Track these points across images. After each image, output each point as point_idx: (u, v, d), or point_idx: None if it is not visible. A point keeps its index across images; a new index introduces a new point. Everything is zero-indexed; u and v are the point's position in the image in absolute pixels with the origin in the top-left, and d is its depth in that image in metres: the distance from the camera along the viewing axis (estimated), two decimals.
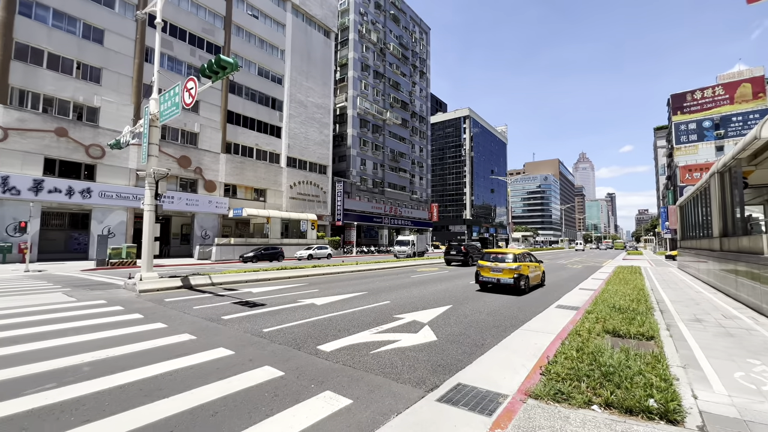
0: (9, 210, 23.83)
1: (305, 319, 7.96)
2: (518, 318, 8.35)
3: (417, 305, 9.76)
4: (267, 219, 37.83)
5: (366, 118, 56.24)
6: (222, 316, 8.13)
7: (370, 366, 5.07)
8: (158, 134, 12.16)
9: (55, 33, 26.27)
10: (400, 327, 7.35)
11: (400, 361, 5.31)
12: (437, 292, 12.15)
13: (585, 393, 3.80)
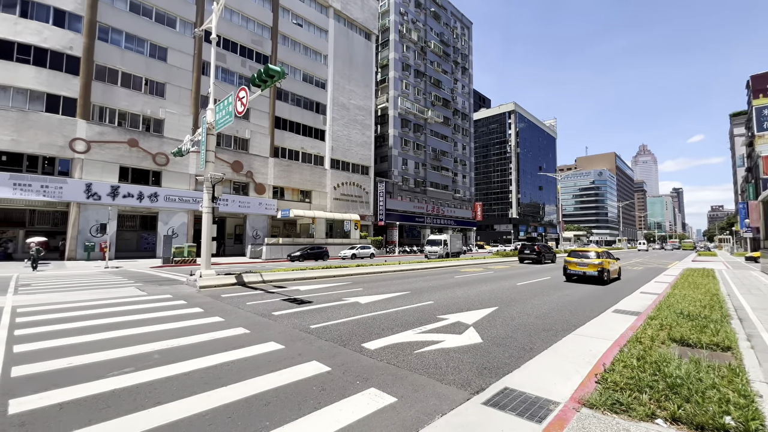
0: (92, 213, 26.93)
1: (350, 317, 8.16)
2: (570, 322, 7.91)
3: (461, 306, 9.60)
4: (312, 219, 39.17)
5: (407, 117, 56.20)
6: (272, 312, 8.57)
7: (413, 365, 5.08)
8: (214, 141, 13.09)
9: (127, 54, 29.24)
10: (443, 328, 7.28)
11: (444, 362, 5.26)
12: (482, 294, 11.85)
13: (647, 405, 3.51)
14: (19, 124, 24.63)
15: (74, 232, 26.26)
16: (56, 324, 7.16)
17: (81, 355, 5.29)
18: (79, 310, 8.56)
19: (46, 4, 26.02)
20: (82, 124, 26.73)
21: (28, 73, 25.17)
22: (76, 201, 26.15)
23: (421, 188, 58.36)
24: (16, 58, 24.97)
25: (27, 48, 25.27)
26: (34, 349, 5.54)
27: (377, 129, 55.20)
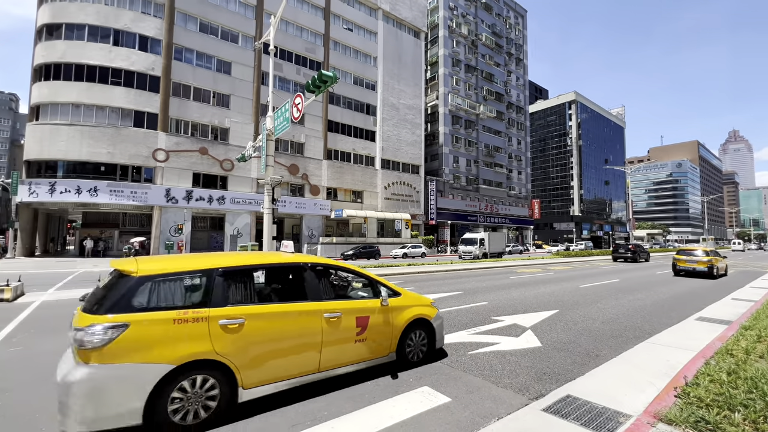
0: (171, 215, 30.11)
1: None
2: (642, 329, 7.20)
3: (517, 308, 9.20)
4: (364, 219, 39.99)
5: (458, 114, 55.03)
6: None
7: (467, 366, 4.99)
8: (273, 147, 13.93)
9: (198, 70, 32.24)
10: (498, 329, 7.04)
11: (500, 364, 5.09)
12: (541, 295, 11.24)
13: (740, 426, 3.10)
14: (113, 138, 28.34)
15: (157, 232, 29.57)
16: None
17: None
18: None
19: (132, 32, 29.60)
20: (162, 136, 30.00)
21: (120, 93, 28.85)
22: (158, 204, 29.43)
23: (473, 186, 56.80)
24: (111, 81, 28.75)
25: (119, 72, 28.97)
26: None
27: (427, 127, 54.76)
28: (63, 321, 7.29)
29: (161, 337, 3.12)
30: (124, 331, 2.99)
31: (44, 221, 33.09)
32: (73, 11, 28.66)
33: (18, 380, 4.32)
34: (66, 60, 28.19)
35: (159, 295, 3.28)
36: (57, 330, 6.63)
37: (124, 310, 3.07)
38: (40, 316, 7.69)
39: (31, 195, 26.90)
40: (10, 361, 4.99)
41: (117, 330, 2.97)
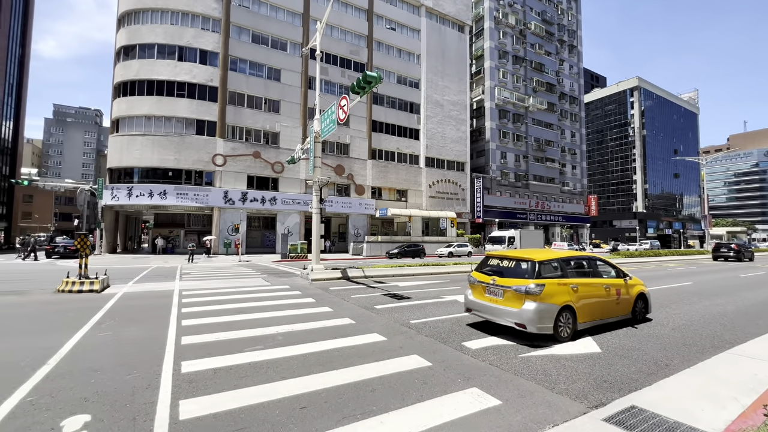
0: (228, 216, 32.32)
1: (449, 315, 8.11)
2: (722, 338, 6.45)
3: None
4: (409, 218, 39.96)
5: (505, 108, 52.97)
6: (374, 305, 9.06)
7: (519, 369, 4.81)
8: (320, 148, 14.44)
9: (250, 79, 34.23)
10: None
11: (555, 369, 4.84)
12: None
13: None
14: (179, 146, 31.03)
15: (216, 231, 31.91)
16: (207, 305, 8.83)
17: (225, 332, 6.44)
18: (222, 295, 10.40)
19: (194, 47, 32.16)
20: (220, 142, 32.29)
21: (184, 104, 31.51)
22: (217, 206, 31.74)
23: (522, 182, 54.38)
24: (176, 93, 31.49)
25: (183, 85, 31.64)
26: (194, 324, 6.95)
27: (473, 123, 53.35)
28: (141, 311, 8.13)
29: (555, 291, 5.99)
30: (543, 288, 5.88)
31: (124, 222, 37.12)
32: (144, 32, 31.80)
33: (108, 362, 4.91)
34: (139, 77, 31.37)
35: (548, 270, 6.20)
36: (136, 320, 7.42)
37: (539, 277, 5.99)
38: (122, 306, 8.67)
39: (113, 199, 30.33)
40: (102, 344, 5.69)
41: (540, 287, 5.87)
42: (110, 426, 3.26)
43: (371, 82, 10.19)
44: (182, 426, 3.30)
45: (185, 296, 10.08)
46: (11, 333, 6.29)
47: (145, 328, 6.61)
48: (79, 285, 10.02)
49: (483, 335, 6.44)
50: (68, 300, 9.24)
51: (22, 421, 3.32)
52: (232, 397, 3.86)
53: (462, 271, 17.31)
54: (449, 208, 45.03)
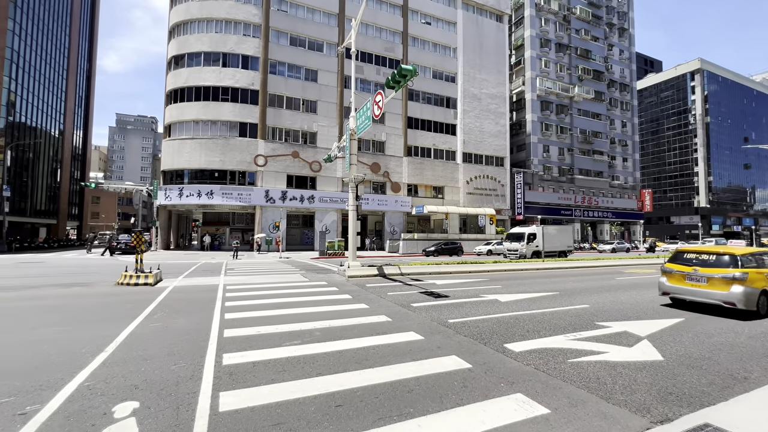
0: (269, 214, 33.56)
1: (489, 314, 7.76)
2: None
3: (627, 313, 7.97)
4: (445, 215, 39.28)
5: (548, 99, 50.43)
6: (411, 303, 8.89)
7: (568, 376, 4.43)
8: (356, 146, 14.47)
9: (289, 81, 35.25)
10: (605, 337, 6.16)
11: (610, 377, 4.41)
12: (658, 300, 9.59)
13: None
14: (224, 148, 32.66)
15: (258, 229, 33.25)
16: (249, 300, 9.13)
17: (265, 326, 6.58)
18: (262, 290, 10.73)
19: (236, 53, 33.65)
20: (261, 143, 33.58)
21: (228, 108, 33.09)
22: (259, 204, 33.06)
23: (567, 177, 51.56)
24: (221, 98, 33.15)
25: (226, 90, 33.24)
26: (235, 318, 7.18)
27: (512, 116, 51.35)
28: (188, 304, 8.55)
29: (755, 278, 7.48)
30: (747, 275, 7.39)
31: (176, 220, 39.78)
32: (192, 42, 33.76)
33: (157, 351, 5.17)
34: (188, 84, 33.37)
35: (747, 262, 7.68)
36: (184, 312, 7.81)
37: (742, 267, 7.52)
38: (172, 299, 9.19)
39: (166, 199, 32.58)
40: (152, 334, 6.02)
41: (745, 275, 7.38)
42: (156, 413, 3.38)
43: (406, 75, 10.00)
44: (221, 417, 3.34)
45: (229, 290, 10.51)
46: (78, 321, 6.85)
47: (191, 320, 6.92)
48: (136, 278, 10.80)
49: (526, 337, 6.07)
50: (126, 292, 9.97)
51: (80, 404, 3.54)
52: (269, 391, 3.88)
53: (503, 269, 16.66)
54: (488, 205, 43.70)
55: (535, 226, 26.80)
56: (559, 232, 27.69)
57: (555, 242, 26.59)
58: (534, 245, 25.17)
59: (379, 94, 11.68)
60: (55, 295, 9.49)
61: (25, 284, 11.48)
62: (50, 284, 11.48)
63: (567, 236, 27.93)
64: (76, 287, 10.73)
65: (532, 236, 25.51)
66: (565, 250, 27.12)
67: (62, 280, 12.72)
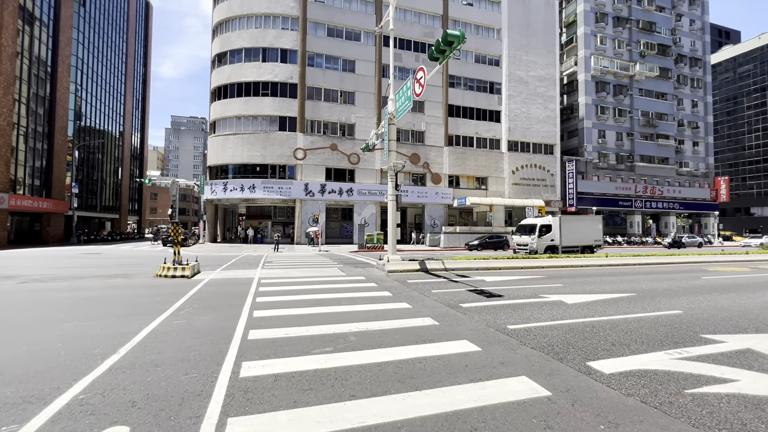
0: (309, 207, 33.60)
1: (557, 320, 6.45)
2: None
3: (740, 323, 6.28)
4: (489, 207, 37.18)
5: (604, 79, 46.01)
6: (460, 303, 7.77)
7: (696, 417, 3.15)
8: (395, 131, 13.44)
9: (327, 73, 34.87)
10: (723, 356, 4.68)
11: (762, 423, 3.07)
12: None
13: None
14: (264, 142, 33.07)
15: (299, 222, 33.44)
16: (281, 295, 8.50)
17: (294, 326, 5.82)
18: (297, 284, 10.12)
19: (275, 47, 33.79)
20: (300, 137, 33.59)
21: (268, 103, 33.40)
22: (299, 198, 33.18)
23: (626, 164, 46.93)
24: (261, 93, 33.52)
25: (266, 84, 33.54)
26: (264, 316, 6.50)
27: (563, 100, 47.52)
28: (219, 298, 8.05)
29: None
30: None
31: (222, 214, 41.27)
32: (233, 39, 34.39)
33: (171, 355, 4.55)
34: (230, 81, 34.10)
35: None
36: (212, 307, 7.29)
37: None
38: (204, 292, 8.80)
39: (212, 193, 33.69)
40: (173, 333, 5.47)
41: None
42: None
43: (453, 42, 8.75)
44: None
45: (263, 284, 10.01)
46: (104, 316, 6.53)
47: (217, 317, 6.34)
48: (173, 271, 10.65)
49: (613, 353, 4.76)
50: (161, 284, 9.78)
51: (61, 427, 2.89)
52: (288, 420, 3.03)
53: (560, 265, 14.89)
54: (536, 196, 40.84)
55: (550, 217, 22.30)
56: (581, 223, 23.01)
57: (576, 235, 21.81)
58: (549, 238, 21.03)
59: (421, 70, 10.54)
60: (96, 287, 9.49)
61: (75, 274, 11.81)
62: (96, 275, 11.72)
63: (593, 228, 22.69)
64: (118, 278, 10.81)
65: (546, 228, 21.26)
66: (590, 244, 22.20)
67: (109, 271, 13.04)
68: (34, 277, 10.99)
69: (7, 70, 28.16)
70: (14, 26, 28.89)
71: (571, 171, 42.57)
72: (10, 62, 28.56)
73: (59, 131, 35.88)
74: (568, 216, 24.58)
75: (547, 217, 22.48)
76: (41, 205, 33.03)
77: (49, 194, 34.69)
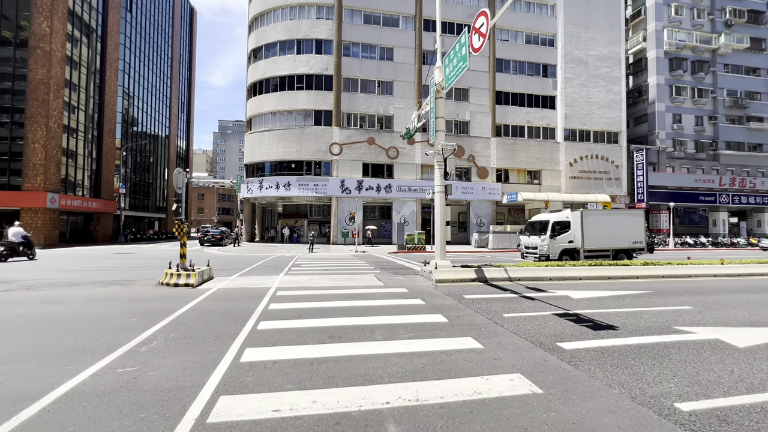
0: (345, 205, 31.75)
1: (752, 391, 3.57)
2: None
3: None
4: (545, 203, 33.14)
5: (679, 55, 39.86)
6: (558, 341, 5.04)
7: None
8: (443, 106, 10.85)
9: (363, 62, 32.82)
10: None
11: None
12: None
13: None
14: (299, 137, 31.69)
15: (335, 221, 31.70)
16: (294, 319, 6.27)
17: (298, 387, 3.51)
18: (320, 298, 7.88)
19: (310, 38, 32.30)
20: (336, 131, 31.83)
21: (303, 96, 31.99)
22: (335, 195, 31.43)
23: (707, 152, 40.38)
24: (296, 86, 32.19)
25: (301, 77, 32.15)
26: (258, 361, 4.26)
27: (629, 81, 41.87)
28: (211, 322, 5.92)
29: None
30: None
31: (260, 213, 40.74)
32: (268, 32, 33.40)
33: None
34: (266, 76, 33.13)
35: None
36: (193, 339, 5.18)
37: None
38: (199, 311, 6.80)
39: (248, 192, 32.93)
40: (98, 396, 3.36)
41: None
42: None
43: None
44: None
45: (277, 298, 7.89)
46: (33, 351, 4.61)
47: (185, 364, 4.15)
48: (176, 278, 8.88)
49: None
50: (155, 296, 7.96)
51: None
52: None
53: (659, 275, 11.41)
54: (598, 190, 36.05)
55: (568, 211, 16.90)
56: (613, 219, 16.95)
57: (606, 235, 16.20)
58: (566, 239, 15.81)
59: (482, 14, 7.88)
60: (77, 298, 7.85)
61: (75, 280, 10.37)
62: (97, 281, 10.19)
63: (631, 225, 16.66)
64: (115, 286, 9.16)
65: (560, 227, 15.86)
66: (626, 247, 16.33)
67: (118, 275, 11.64)
68: (28, 283, 9.69)
69: (57, 74, 29.04)
70: (63, 31, 29.78)
71: (640, 162, 37.14)
72: (60, 66, 29.46)
73: (108, 133, 37.07)
74: (594, 210, 19.03)
75: (563, 212, 17.00)
76: (91, 205, 34.13)
77: (99, 195, 35.88)
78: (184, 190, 9.50)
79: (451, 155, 10.64)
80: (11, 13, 28.28)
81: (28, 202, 27.57)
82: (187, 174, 11.47)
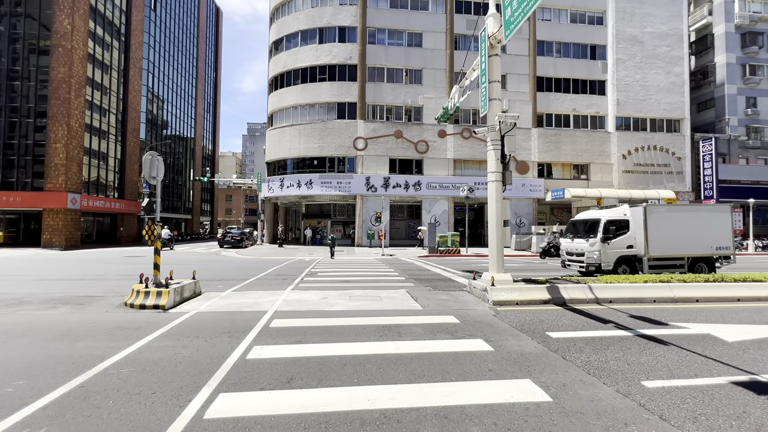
0: (371, 204, 29.33)
1: None
2: None
3: None
4: (597, 200, 29.21)
5: (754, 29, 34.60)
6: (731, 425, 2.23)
7: None
8: (498, 68, 8.10)
9: (390, 50, 30.31)
10: None
11: None
12: None
13: None
14: (322, 132, 29.63)
15: (359, 222, 29.36)
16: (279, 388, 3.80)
17: None
18: (330, 337, 5.38)
19: (332, 26, 30.18)
20: (360, 124, 29.50)
21: (325, 88, 29.91)
22: (359, 194, 29.09)
23: None
24: (318, 78, 30.17)
25: (323, 68, 30.08)
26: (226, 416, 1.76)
27: (690, 62, 36.86)
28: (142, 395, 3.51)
29: None
30: None
31: (283, 213, 39.17)
32: (289, 22, 31.61)
33: None
34: (287, 68, 31.34)
35: None
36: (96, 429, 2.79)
37: None
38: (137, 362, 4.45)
39: (269, 191, 31.27)
40: None
41: None
42: None
43: None
44: None
45: (269, 333, 5.46)
46: None
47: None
48: (143, 297, 6.66)
49: None
50: (99, 329, 5.69)
51: None
52: None
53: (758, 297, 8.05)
54: (657, 186, 31.62)
55: (626, 206, 12.57)
56: (687, 218, 12.20)
57: (677, 239, 11.81)
58: (624, 244, 11.73)
59: None
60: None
61: (27, 295, 8.14)
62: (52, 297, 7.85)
63: (712, 227, 12.14)
64: (65, 307, 6.96)
65: (615, 226, 11.81)
66: (708, 254, 11.99)
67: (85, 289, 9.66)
68: None
69: (78, 72, 28.56)
70: (85, 29, 29.30)
71: (707, 153, 32.29)
72: (82, 65, 28.98)
73: (131, 133, 36.68)
74: (661, 205, 13.83)
75: (619, 208, 12.72)
76: (113, 205, 33.69)
77: (122, 195, 35.49)
78: (158, 181, 7.33)
79: (511, 130, 7.88)
80: (34, 12, 28.03)
81: (49, 202, 27.12)
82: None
